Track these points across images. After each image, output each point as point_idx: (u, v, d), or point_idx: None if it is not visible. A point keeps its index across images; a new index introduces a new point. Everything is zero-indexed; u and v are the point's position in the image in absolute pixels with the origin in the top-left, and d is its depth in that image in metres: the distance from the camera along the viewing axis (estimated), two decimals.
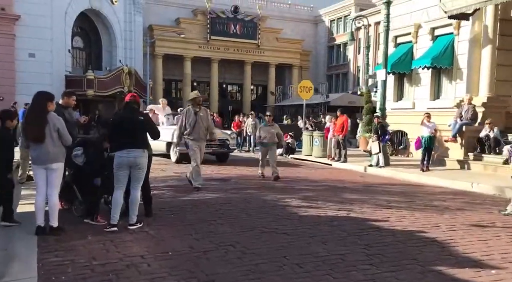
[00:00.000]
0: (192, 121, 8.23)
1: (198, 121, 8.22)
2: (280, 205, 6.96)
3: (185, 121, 8.29)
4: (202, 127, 8.29)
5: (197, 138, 8.27)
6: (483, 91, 12.01)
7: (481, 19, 11.93)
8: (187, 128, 8.28)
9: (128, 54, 33.65)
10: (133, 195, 5.52)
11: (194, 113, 8.25)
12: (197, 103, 8.36)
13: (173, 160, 12.85)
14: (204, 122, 8.31)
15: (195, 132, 8.22)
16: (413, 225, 5.75)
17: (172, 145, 12.68)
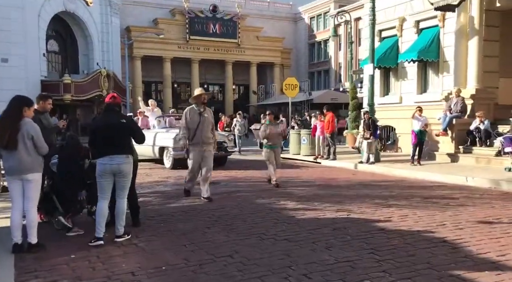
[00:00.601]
0: (195, 123, 7.14)
1: (202, 123, 7.15)
2: (275, 208, 6.61)
3: (186, 122, 7.23)
4: (207, 130, 7.21)
5: (199, 143, 7.17)
6: (471, 83, 11.90)
7: (467, 10, 11.81)
8: (189, 130, 7.22)
9: (105, 56, 32.84)
10: (118, 204, 5.09)
11: (198, 114, 7.17)
12: (201, 102, 7.23)
13: (167, 166, 11.96)
14: (208, 125, 7.25)
15: (199, 136, 7.15)
16: (417, 224, 5.47)
17: (165, 149, 11.90)
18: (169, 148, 11.63)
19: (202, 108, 7.23)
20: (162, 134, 12.05)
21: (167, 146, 11.73)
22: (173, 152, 11.39)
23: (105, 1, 32.84)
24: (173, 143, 11.14)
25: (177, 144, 11.04)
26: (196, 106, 7.27)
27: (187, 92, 43.51)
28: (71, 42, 32.53)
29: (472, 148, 11.14)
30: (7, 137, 4.47)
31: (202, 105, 7.24)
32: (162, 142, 11.89)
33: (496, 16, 11.95)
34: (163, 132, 12.16)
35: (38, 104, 5.94)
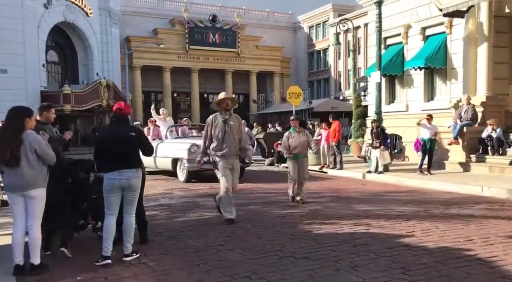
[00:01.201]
0: (220, 132, 6.30)
1: (228, 133, 6.30)
2: (289, 222, 6.30)
3: (210, 132, 6.38)
4: (234, 141, 6.36)
5: (227, 155, 6.31)
6: (481, 91, 11.67)
7: (475, 16, 11.62)
8: (214, 141, 6.36)
9: (105, 67, 32.70)
10: (126, 220, 4.78)
11: (223, 122, 6.31)
12: (225, 109, 6.34)
13: (181, 179, 11.16)
14: (235, 134, 6.37)
15: (225, 146, 6.30)
16: (443, 239, 5.17)
17: (179, 161, 11.14)
18: (183, 159, 10.93)
19: (227, 115, 6.33)
20: (175, 145, 11.35)
21: (181, 157, 11.00)
22: (188, 164, 10.65)
23: (104, 12, 32.77)
24: (188, 154, 10.59)
25: (192, 155, 10.25)
26: (220, 114, 6.38)
27: (186, 102, 43.37)
28: (70, 52, 32.39)
29: (485, 157, 10.86)
30: (9, 154, 4.17)
31: (227, 112, 6.34)
32: (175, 153, 11.14)
33: (505, 22, 11.77)
34: (177, 143, 11.46)
35: (42, 115, 5.64)
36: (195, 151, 10.23)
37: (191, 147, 10.59)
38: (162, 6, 39.95)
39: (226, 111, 6.35)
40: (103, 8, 32.67)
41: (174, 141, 11.71)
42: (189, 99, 42.02)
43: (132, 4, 38.52)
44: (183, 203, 8.29)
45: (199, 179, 11.12)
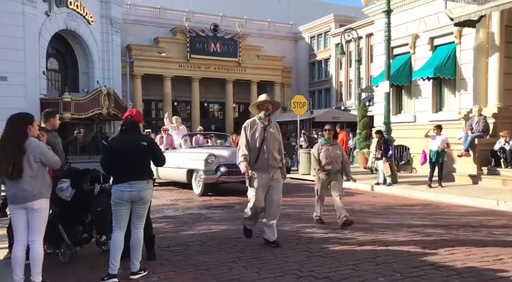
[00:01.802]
0: (258, 140, 5.41)
1: (268, 141, 5.42)
2: (303, 237, 5.99)
3: (246, 139, 5.48)
4: (274, 150, 5.46)
5: (264, 167, 5.40)
6: (492, 102, 11.44)
7: (486, 26, 11.44)
8: (251, 151, 5.45)
9: (106, 75, 32.52)
10: (135, 235, 4.48)
11: (263, 129, 5.45)
12: (265, 114, 5.50)
13: (196, 191, 10.39)
14: (276, 143, 5.52)
15: (263, 158, 5.40)
16: (470, 258, 4.87)
17: (194, 173, 10.45)
18: (199, 171, 10.19)
19: (266, 122, 5.50)
20: (190, 155, 10.67)
21: (196, 168, 10.26)
22: (204, 176, 10.00)
23: (106, 20, 32.67)
24: (204, 165, 9.98)
25: (209, 166, 9.90)
26: (259, 119, 5.53)
27: (187, 111, 43.13)
28: (71, 60, 32.22)
29: (497, 169, 10.59)
30: (11, 166, 3.86)
31: (266, 118, 5.52)
32: (190, 164, 10.43)
33: None
34: (192, 153, 10.78)
35: (48, 121, 5.39)
36: (212, 162, 9.95)
37: (208, 157, 10.02)
38: (163, 15, 39.90)
39: (266, 116, 5.51)
40: (105, 16, 32.58)
41: (189, 151, 11.09)
42: (189, 108, 41.78)
43: (134, 12, 38.45)
44: (189, 215, 7.99)
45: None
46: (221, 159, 10.08)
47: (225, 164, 9.98)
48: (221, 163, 9.99)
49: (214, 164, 9.99)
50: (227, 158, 10.08)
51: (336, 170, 6.88)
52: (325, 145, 6.94)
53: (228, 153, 10.29)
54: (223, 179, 10.04)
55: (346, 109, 38.64)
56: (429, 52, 13.70)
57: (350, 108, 37.88)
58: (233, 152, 10.14)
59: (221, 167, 9.96)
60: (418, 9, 14.01)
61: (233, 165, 9.21)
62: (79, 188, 5.07)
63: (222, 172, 9.92)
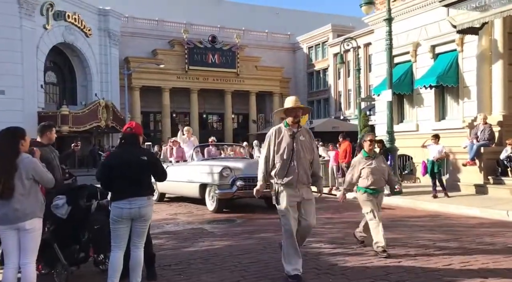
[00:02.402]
0: (286, 151, 4.54)
1: (297, 152, 4.53)
2: (310, 253, 5.74)
3: (272, 150, 4.62)
4: (305, 163, 4.58)
5: (294, 184, 4.54)
6: (497, 110, 11.26)
7: (489, 33, 11.32)
8: (276, 163, 4.60)
9: (104, 87, 32.45)
10: (135, 255, 4.23)
11: (290, 137, 4.56)
12: (294, 121, 4.61)
13: (210, 208, 9.52)
14: (307, 154, 4.62)
15: (293, 172, 4.51)
16: (488, 274, 4.62)
17: (208, 187, 9.57)
18: (213, 185, 9.37)
19: (295, 129, 4.60)
20: (204, 168, 9.79)
21: (210, 182, 9.43)
22: (219, 191, 9.16)
23: (104, 33, 32.70)
24: (219, 179, 9.16)
25: (224, 180, 9.10)
26: (286, 127, 4.64)
27: (186, 122, 42.94)
28: (69, 73, 32.17)
29: (504, 179, 10.37)
30: (2, 184, 3.63)
31: (295, 125, 4.62)
32: (203, 178, 9.58)
33: None
34: (205, 166, 9.87)
35: (44, 135, 5.17)
36: (227, 175, 9.15)
37: (223, 170, 9.18)
38: (161, 27, 39.96)
39: (295, 123, 4.61)
40: (103, 29, 32.60)
41: (202, 163, 10.18)
42: (188, 119, 41.61)
43: (132, 25, 38.49)
44: (190, 230, 7.73)
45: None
46: (237, 172, 9.26)
47: (242, 177, 9.18)
48: (237, 176, 9.17)
49: (230, 178, 9.16)
50: (243, 171, 9.32)
51: (381, 188, 5.81)
52: (367, 159, 5.66)
53: (244, 165, 9.57)
54: (240, 194, 9.18)
55: (346, 119, 38.54)
56: (430, 60, 13.56)
57: (350, 118, 37.77)
58: (250, 163, 9.74)
59: (237, 180, 9.13)
60: (419, 17, 13.91)
61: (251, 178, 8.81)
62: (75, 205, 4.84)
63: (238, 186, 9.09)
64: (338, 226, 7.75)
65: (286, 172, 4.55)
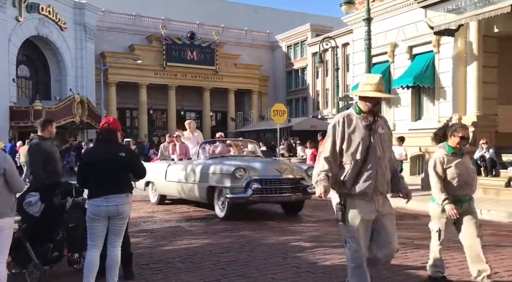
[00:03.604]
0: (361, 148, 3.33)
1: (376, 149, 3.34)
2: (290, 251, 5.72)
3: (339, 146, 3.39)
4: (385, 165, 3.39)
5: (369, 193, 3.34)
6: (471, 110, 11.52)
7: (464, 36, 11.56)
8: (344, 165, 3.38)
9: (79, 82, 31.76)
10: (112, 254, 4.11)
11: (367, 129, 3.34)
12: (372, 109, 3.37)
13: (219, 213, 8.25)
14: (387, 152, 3.45)
15: (369, 176, 3.32)
16: (465, 272, 4.69)
17: (216, 190, 8.30)
18: (224, 188, 8.02)
19: (372, 117, 3.37)
20: (212, 168, 8.45)
21: (221, 185, 8.11)
22: (231, 195, 7.86)
23: (79, 26, 31.99)
24: (231, 180, 7.86)
25: (237, 182, 7.78)
26: (359, 114, 3.40)
27: (163, 119, 42.53)
28: (43, 67, 31.34)
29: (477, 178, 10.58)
30: None
31: (371, 113, 3.37)
32: (212, 179, 8.31)
33: (494, 42, 11.75)
34: (215, 165, 8.51)
35: (45, 130, 5.13)
36: (241, 176, 7.83)
37: (236, 171, 7.86)
38: (139, 22, 39.36)
39: (372, 112, 3.37)
40: (78, 23, 31.88)
41: (211, 162, 8.81)
42: (165, 116, 41.22)
43: (108, 19, 37.77)
44: (168, 228, 7.62)
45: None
46: (252, 173, 7.96)
47: (258, 179, 7.91)
48: (252, 178, 7.86)
49: (244, 179, 7.84)
50: (259, 172, 8.09)
51: (469, 196, 4.38)
52: (454, 156, 4.25)
53: (260, 165, 8.37)
54: (255, 198, 7.92)
55: (323, 118, 38.81)
56: (408, 61, 13.78)
57: (327, 117, 38.06)
58: (267, 163, 8.81)
59: (252, 183, 7.78)
60: (397, 18, 14.10)
61: (267, 180, 7.92)
62: (49, 202, 4.69)
63: (254, 189, 7.74)
64: (318, 224, 7.76)
65: (357, 176, 3.31)
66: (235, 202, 7.93)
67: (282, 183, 8.03)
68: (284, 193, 8.00)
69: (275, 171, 8.12)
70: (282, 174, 8.09)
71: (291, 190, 8.05)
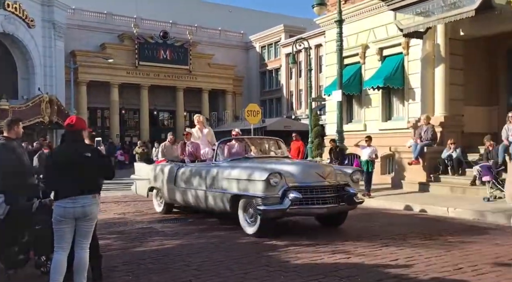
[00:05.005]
0: None
1: None
2: (262, 249, 5.74)
3: None
4: None
5: None
6: (439, 111, 11.83)
7: (432, 38, 11.85)
8: None
9: (48, 81, 30.94)
10: (80, 256, 4.03)
11: None
12: None
13: (247, 230, 6.70)
14: None
15: None
16: (431, 268, 4.82)
17: (241, 200, 6.78)
18: (254, 197, 6.52)
19: None
20: (238, 173, 6.87)
21: (250, 193, 6.57)
22: (264, 207, 6.31)
23: (48, 24, 31.16)
24: (264, 188, 6.31)
25: (272, 190, 6.29)
26: None
27: (135, 119, 41.91)
28: (9, 65, 30.35)
29: (445, 177, 10.91)
30: None
31: None
32: (238, 187, 6.78)
33: (460, 45, 12.08)
34: (241, 169, 6.93)
35: (11, 130, 4.95)
36: (276, 184, 6.31)
37: (270, 177, 6.32)
38: (110, 20, 38.68)
39: None
40: (47, 20, 31.05)
41: (234, 165, 7.27)
42: (138, 116, 40.64)
43: (79, 17, 36.97)
44: (139, 229, 7.52)
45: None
46: (289, 179, 6.48)
47: (297, 186, 6.46)
48: (289, 186, 6.42)
49: (280, 187, 6.35)
50: (298, 177, 6.58)
51: None
52: None
53: (299, 169, 6.80)
54: (294, 210, 6.46)
55: (297, 118, 39.13)
56: (378, 62, 14.03)
57: (301, 117, 38.37)
58: (306, 166, 7.20)
59: (290, 192, 6.33)
60: (368, 20, 14.34)
61: (308, 188, 6.46)
62: (14, 204, 4.57)
63: (292, 199, 6.25)
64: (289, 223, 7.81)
65: None
66: (269, 215, 6.41)
67: (326, 190, 6.55)
68: (328, 203, 6.51)
69: (317, 176, 6.62)
70: (326, 179, 6.64)
71: (335, 199, 6.62)
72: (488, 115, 12.67)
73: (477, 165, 9.68)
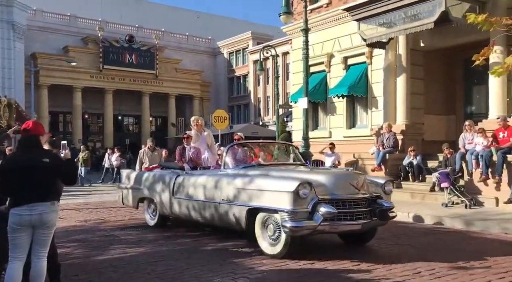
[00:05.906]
0: None
1: None
2: (228, 256, 5.71)
3: None
4: None
5: None
6: (400, 119, 12.21)
7: (394, 49, 12.25)
8: None
9: (6, 84, 29.91)
10: (37, 266, 3.89)
11: None
12: None
13: (267, 250, 5.73)
14: None
15: None
16: (391, 273, 4.94)
17: (260, 215, 5.82)
18: (279, 212, 5.48)
19: None
20: (256, 183, 5.90)
21: (273, 206, 5.58)
22: (291, 223, 5.29)
23: (7, 25, 30.18)
24: (292, 201, 5.31)
25: (301, 203, 5.30)
26: None
27: (98, 124, 41.01)
28: None
29: (406, 183, 11.23)
30: None
31: None
32: (258, 199, 5.77)
33: (420, 55, 12.55)
34: (259, 178, 6.01)
35: None
36: (306, 196, 5.33)
37: (299, 188, 5.31)
38: (74, 23, 37.83)
39: None
40: (6, 21, 30.08)
41: (250, 174, 6.25)
42: (101, 121, 39.79)
43: (40, 18, 35.96)
44: (101, 237, 7.32)
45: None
46: (319, 191, 5.48)
47: (329, 199, 5.49)
48: (320, 198, 5.44)
49: (310, 200, 5.38)
50: (330, 188, 5.59)
51: None
52: None
53: (330, 179, 5.73)
54: (327, 227, 5.47)
55: (264, 124, 39.37)
56: (343, 71, 14.35)
57: (268, 124, 38.64)
58: (338, 176, 6.01)
59: (321, 205, 5.36)
60: (333, 30, 14.66)
61: (342, 200, 5.53)
62: None
63: (324, 214, 5.29)
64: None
65: None
66: (296, 233, 5.38)
67: (359, 204, 5.64)
68: (362, 219, 5.60)
69: (351, 188, 5.66)
70: (360, 190, 5.72)
71: (369, 213, 5.70)
72: (446, 124, 13.19)
73: (436, 172, 10.01)
